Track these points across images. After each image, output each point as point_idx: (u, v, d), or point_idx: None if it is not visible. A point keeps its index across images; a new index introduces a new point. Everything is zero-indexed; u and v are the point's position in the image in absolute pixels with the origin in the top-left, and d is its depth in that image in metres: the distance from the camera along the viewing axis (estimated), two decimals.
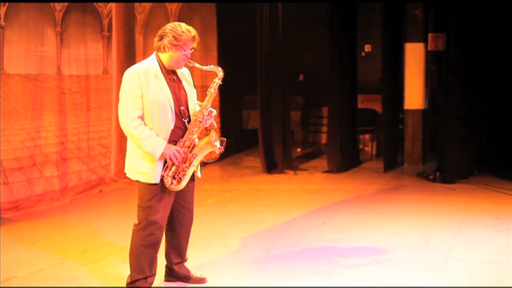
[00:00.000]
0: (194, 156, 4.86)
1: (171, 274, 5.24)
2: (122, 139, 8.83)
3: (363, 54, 12.71)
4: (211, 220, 7.29)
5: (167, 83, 4.80)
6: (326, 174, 10.21)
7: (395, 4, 10.43)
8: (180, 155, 4.78)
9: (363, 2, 10.90)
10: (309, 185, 9.38)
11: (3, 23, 7.41)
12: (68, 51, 8.39)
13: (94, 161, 8.87)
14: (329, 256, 5.90)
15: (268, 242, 6.38)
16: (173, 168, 4.79)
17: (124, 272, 5.28)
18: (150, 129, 4.70)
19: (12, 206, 7.53)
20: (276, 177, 10.02)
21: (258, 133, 10.41)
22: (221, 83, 4.96)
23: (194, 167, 4.89)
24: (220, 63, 9.86)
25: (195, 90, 5.03)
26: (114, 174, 9.19)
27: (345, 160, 10.46)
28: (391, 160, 10.57)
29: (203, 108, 4.89)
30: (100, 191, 8.87)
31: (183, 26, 4.81)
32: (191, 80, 5.05)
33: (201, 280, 5.25)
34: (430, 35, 10.67)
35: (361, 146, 12.10)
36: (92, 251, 6.15)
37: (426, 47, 10.69)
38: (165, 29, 4.80)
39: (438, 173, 9.44)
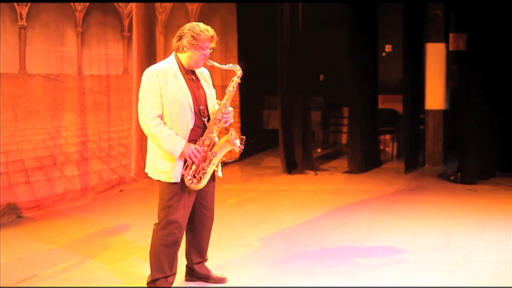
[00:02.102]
0: (214, 154, 4.85)
1: (192, 274, 5.25)
2: (142, 139, 8.85)
3: (383, 54, 12.66)
4: (231, 220, 7.30)
5: (186, 83, 4.80)
6: (346, 174, 10.18)
7: (415, 4, 10.38)
8: (200, 154, 4.78)
9: (383, 2, 10.85)
10: (329, 185, 9.35)
11: (25, 24, 7.47)
12: (89, 51, 8.43)
13: (114, 160, 8.91)
14: (349, 257, 5.89)
15: (288, 242, 6.37)
16: (193, 167, 4.79)
17: (144, 271, 5.29)
18: (170, 128, 4.71)
19: (34, 205, 7.58)
20: (296, 177, 10.00)
21: (279, 133, 10.40)
22: (239, 81, 4.96)
23: (214, 166, 4.88)
24: (240, 63, 9.83)
25: (214, 90, 5.03)
26: (134, 174, 9.22)
27: (366, 161, 10.42)
28: (412, 160, 10.51)
29: (222, 107, 4.88)
30: (121, 190, 8.90)
31: (201, 25, 4.82)
32: (210, 80, 5.05)
33: (221, 280, 5.25)
34: (451, 35, 10.59)
35: (381, 147, 12.03)
36: (113, 250, 6.17)
37: (447, 47, 10.63)
38: (183, 29, 4.81)
39: (459, 174, 9.37)
